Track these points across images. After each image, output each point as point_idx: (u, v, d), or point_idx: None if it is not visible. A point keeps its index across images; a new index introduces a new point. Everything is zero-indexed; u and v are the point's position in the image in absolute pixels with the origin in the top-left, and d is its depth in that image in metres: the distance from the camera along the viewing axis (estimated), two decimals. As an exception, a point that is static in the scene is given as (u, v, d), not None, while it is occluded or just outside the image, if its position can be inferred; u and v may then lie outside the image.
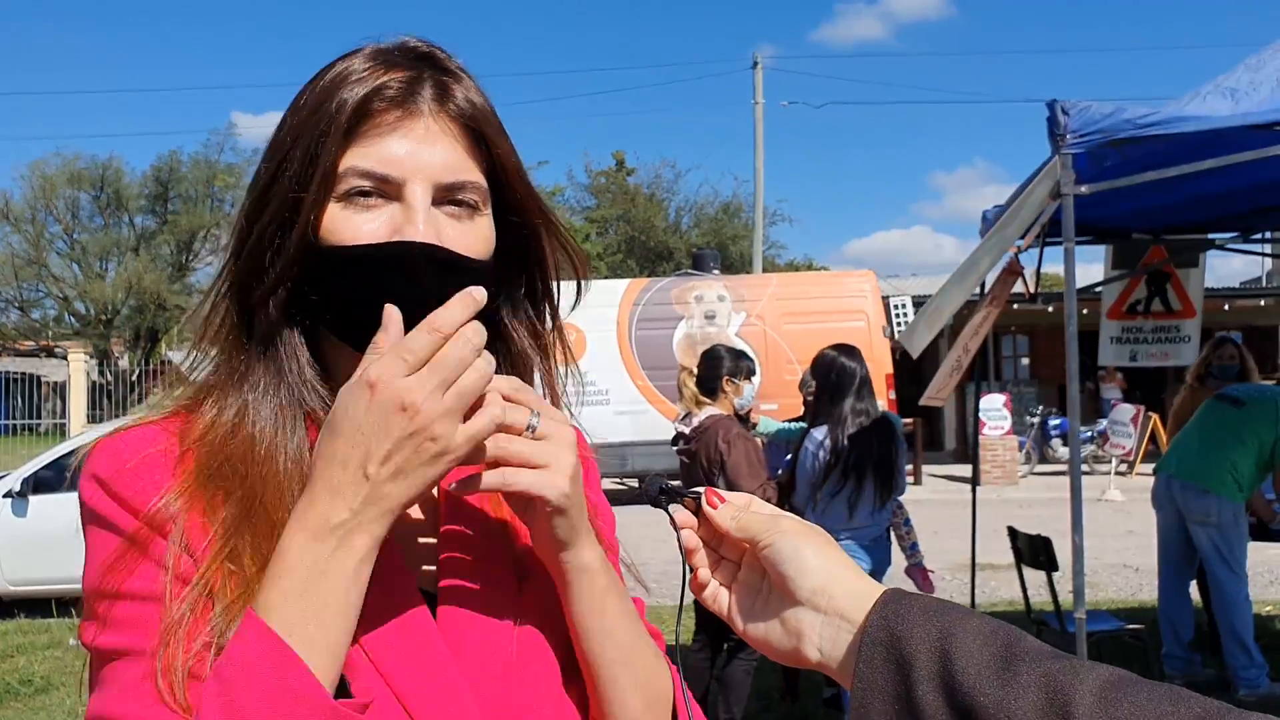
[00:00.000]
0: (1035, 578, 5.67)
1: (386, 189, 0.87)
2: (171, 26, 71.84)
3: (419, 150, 0.87)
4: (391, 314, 0.80)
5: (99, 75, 68.35)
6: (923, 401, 5.57)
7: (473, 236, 0.90)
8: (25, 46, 67.10)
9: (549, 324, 1.02)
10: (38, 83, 65.97)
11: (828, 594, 0.76)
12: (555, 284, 1.01)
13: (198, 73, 69.56)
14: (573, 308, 1.03)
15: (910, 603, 0.72)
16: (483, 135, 0.92)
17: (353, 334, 0.87)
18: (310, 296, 0.89)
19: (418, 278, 0.85)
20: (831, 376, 4.62)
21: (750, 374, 4.96)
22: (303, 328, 0.91)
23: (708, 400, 4.85)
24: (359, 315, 0.86)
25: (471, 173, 0.90)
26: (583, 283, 1.03)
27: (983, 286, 5.22)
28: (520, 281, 1.00)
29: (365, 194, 0.86)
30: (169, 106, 72.43)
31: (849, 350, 4.71)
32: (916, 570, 4.81)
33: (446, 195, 0.88)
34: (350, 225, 0.86)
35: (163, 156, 33.37)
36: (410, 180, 0.87)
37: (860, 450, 4.47)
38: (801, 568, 0.77)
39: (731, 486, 4.29)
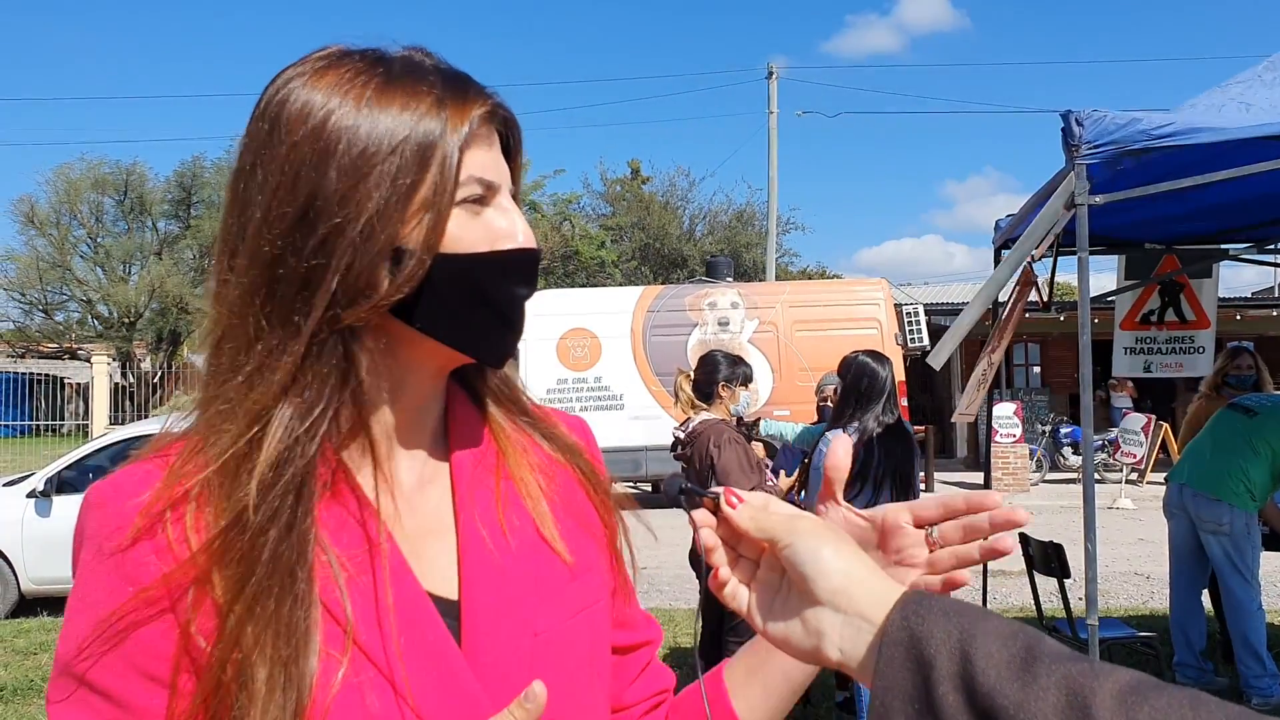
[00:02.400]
0: (1046, 585, 5.69)
1: (487, 194, 0.89)
2: (194, 34, 72.34)
3: (500, 160, 0.91)
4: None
5: (123, 81, 68.95)
6: (954, 419, 5.61)
7: None
8: (51, 53, 67.65)
9: None
10: (63, 88, 66.57)
11: (848, 594, 0.75)
12: None
13: (220, 80, 70.07)
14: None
15: (930, 603, 0.71)
16: (507, 142, 0.94)
17: (461, 335, 0.89)
18: (417, 305, 0.86)
19: (534, 281, 0.93)
20: (863, 383, 4.62)
21: (746, 380, 4.96)
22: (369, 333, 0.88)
23: (703, 405, 4.88)
24: (477, 316, 0.89)
25: None
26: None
27: (995, 301, 5.24)
28: None
29: (478, 200, 0.88)
30: (192, 113, 73.00)
31: (880, 358, 4.70)
32: None
33: None
34: (470, 231, 0.87)
35: (186, 162, 33.45)
36: (503, 185, 0.91)
37: (882, 458, 4.50)
38: (820, 568, 0.76)
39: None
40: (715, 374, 4.89)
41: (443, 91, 0.88)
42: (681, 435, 4.88)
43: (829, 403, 5.96)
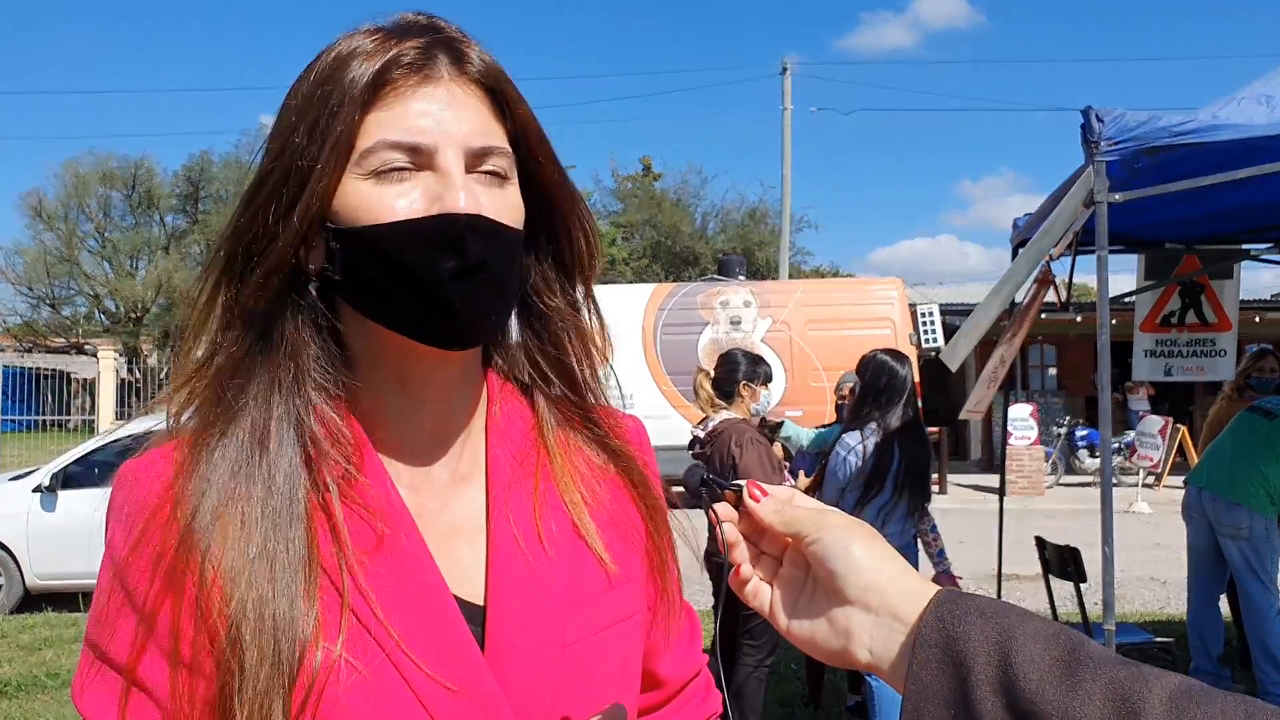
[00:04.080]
0: (1062, 589, 5.62)
1: (417, 159, 0.83)
2: (202, 28, 72.64)
3: (445, 116, 0.84)
4: None
5: (132, 76, 69.20)
6: (962, 415, 5.54)
7: (505, 204, 0.87)
8: (59, 47, 68.00)
9: (579, 289, 0.99)
10: (71, 82, 66.84)
11: (879, 592, 0.72)
12: (583, 248, 0.98)
13: (228, 75, 70.37)
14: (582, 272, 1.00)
15: (966, 603, 0.69)
16: (504, 98, 0.88)
17: (394, 315, 0.85)
18: (334, 278, 0.85)
19: (464, 250, 0.82)
20: (881, 381, 4.59)
21: (767, 379, 4.93)
22: (316, 312, 0.87)
23: (723, 404, 4.83)
24: (401, 295, 0.83)
25: (499, 138, 0.87)
26: (597, 259, 1.00)
27: (1013, 301, 5.17)
28: (545, 247, 0.96)
29: (399, 168, 0.82)
30: (200, 108, 73.22)
31: (899, 357, 4.68)
32: (945, 577, 4.76)
33: (476, 163, 0.85)
34: (384, 201, 0.82)
35: (194, 157, 33.75)
36: (442, 147, 0.83)
37: (902, 459, 4.46)
38: (851, 565, 0.73)
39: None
40: (736, 373, 4.84)
41: (373, 43, 0.84)
42: (701, 434, 4.82)
43: (846, 401, 5.91)
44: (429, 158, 0.83)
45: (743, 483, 0.82)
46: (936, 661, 0.66)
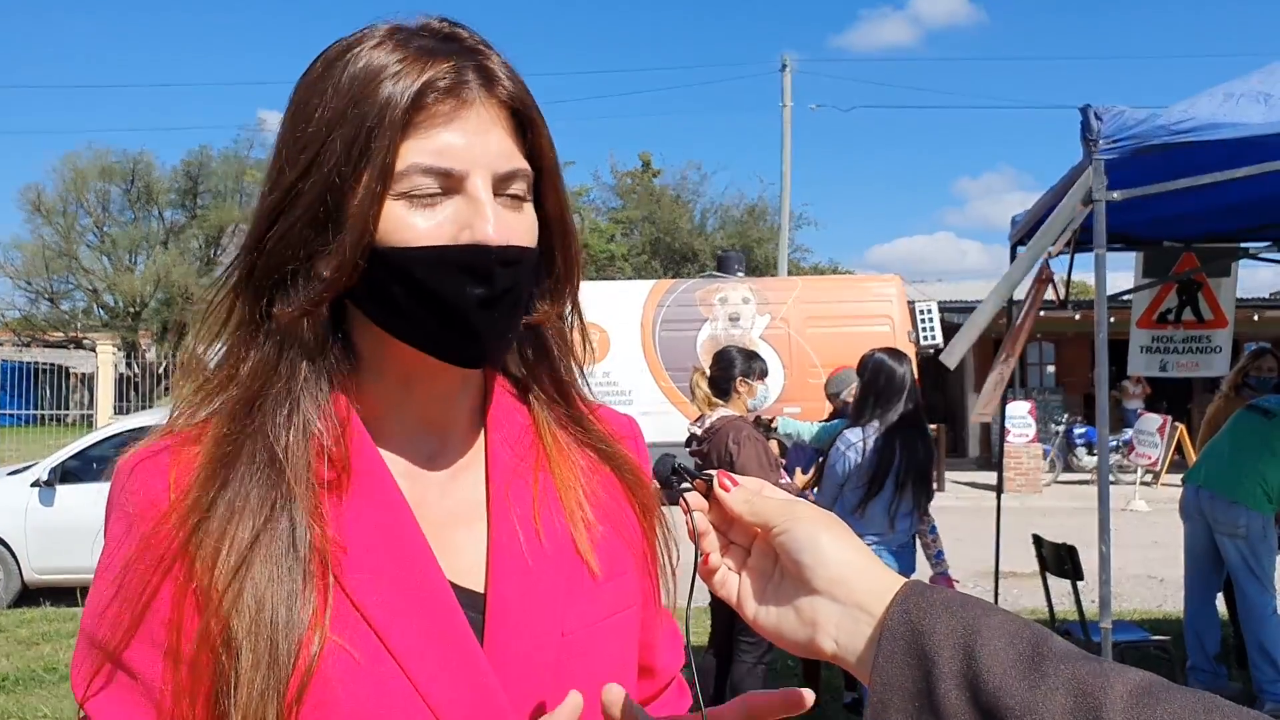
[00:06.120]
0: (1059, 587, 5.63)
1: (447, 183, 0.83)
2: (202, 23, 72.55)
3: (475, 141, 0.84)
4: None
5: (131, 70, 69.07)
6: (974, 419, 5.55)
7: (524, 226, 0.88)
8: (58, 41, 67.90)
9: (568, 304, 1.01)
10: (71, 76, 66.78)
11: (846, 584, 0.72)
12: (574, 265, 0.99)
13: (227, 70, 70.15)
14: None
15: (932, 596, 0.69)
16: (527, 120, 0.89)
17: (415, 333, 0.86)
18: (356, 294, 0.86)
19: (492, 281, 0.84)
20: (880, 380, 4.60)
21: (763, 374, 4.94)
22: (330, 323, 0.88)
23: (720, 401, 4.84)
24: (424, 315, 0.85)
25: (520, 160, 0.88)
26: (581, 274, 1.03)
27: (1010, 300, 5.17)
28: (542, 258, 0.96)
29: (429, 193, 0.83)
30: (199, 102, 73.10)
31: (898, 355, 4.69)
32: (942, 579, 4.78)
33: (503, 186, 0.86)
34: (414, 224, 0.83)
35: (193, 152, 33.64)
36: (472, 172, 0.84)
37: (904, 457, 4.46)
38: (819, 556, 0.73)
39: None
40: (732, 369, 4.85)
41: (401, 63, 0.83)
42: (698, 431, 4.82)
43: (846, 398, 5.91)
44: (459, 181, 0.84)
45: (713, 473, 0.82)
46: (901, 654, 0.67)
